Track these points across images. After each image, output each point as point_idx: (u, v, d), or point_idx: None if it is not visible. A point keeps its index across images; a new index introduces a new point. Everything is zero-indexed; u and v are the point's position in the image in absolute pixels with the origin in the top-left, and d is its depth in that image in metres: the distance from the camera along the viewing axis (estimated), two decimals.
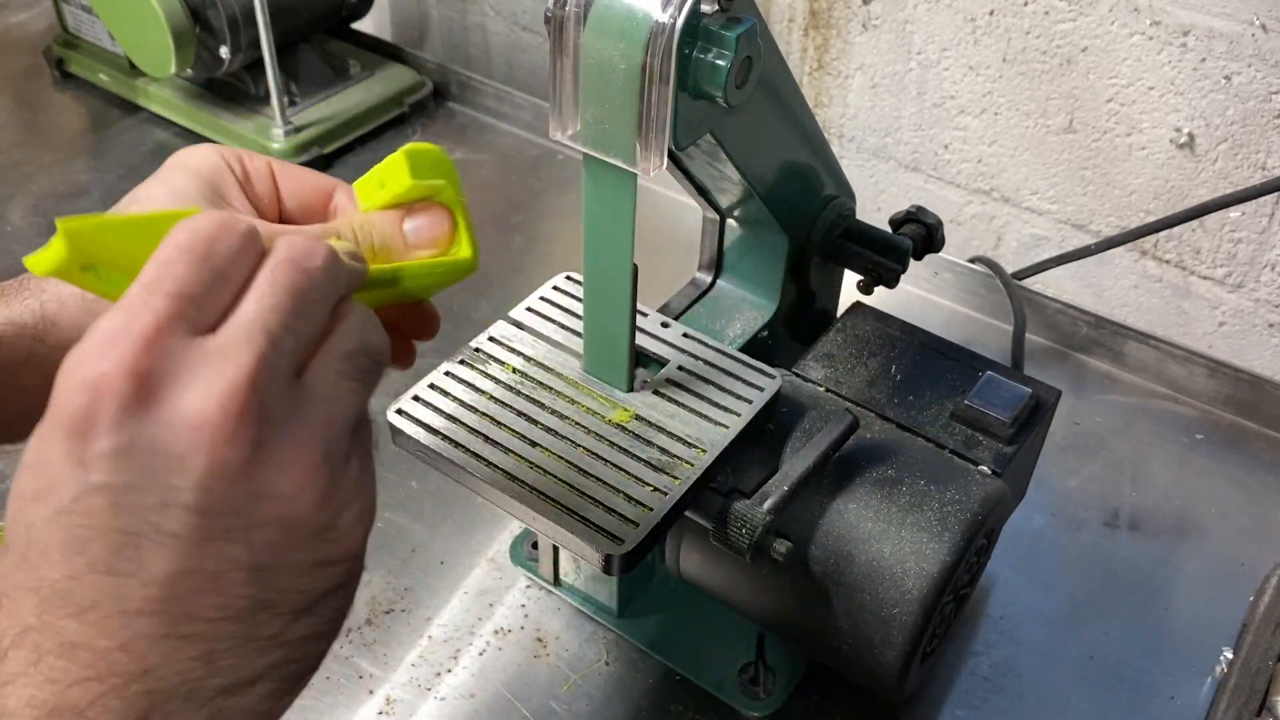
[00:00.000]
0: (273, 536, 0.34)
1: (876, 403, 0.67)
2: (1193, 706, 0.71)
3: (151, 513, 0.32)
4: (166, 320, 0.33)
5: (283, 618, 0.34)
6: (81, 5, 1.24)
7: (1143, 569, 0.80)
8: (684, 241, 0.76)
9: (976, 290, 1.02)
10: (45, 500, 0.32)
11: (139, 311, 0.33)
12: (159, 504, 0.32)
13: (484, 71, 1.37)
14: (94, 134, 1.24)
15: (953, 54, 1.04)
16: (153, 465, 0.32)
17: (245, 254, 0.35)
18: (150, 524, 0.32)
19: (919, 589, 0.58)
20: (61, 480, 0.32)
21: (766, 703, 0.70)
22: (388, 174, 0.47)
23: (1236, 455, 0.89)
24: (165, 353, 0.33)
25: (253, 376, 0.33)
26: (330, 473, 0.35)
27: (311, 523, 0.34)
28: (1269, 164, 0.92)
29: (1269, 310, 0.99)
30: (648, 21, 0.51)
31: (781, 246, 0.70)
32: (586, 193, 0.59)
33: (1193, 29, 0.90)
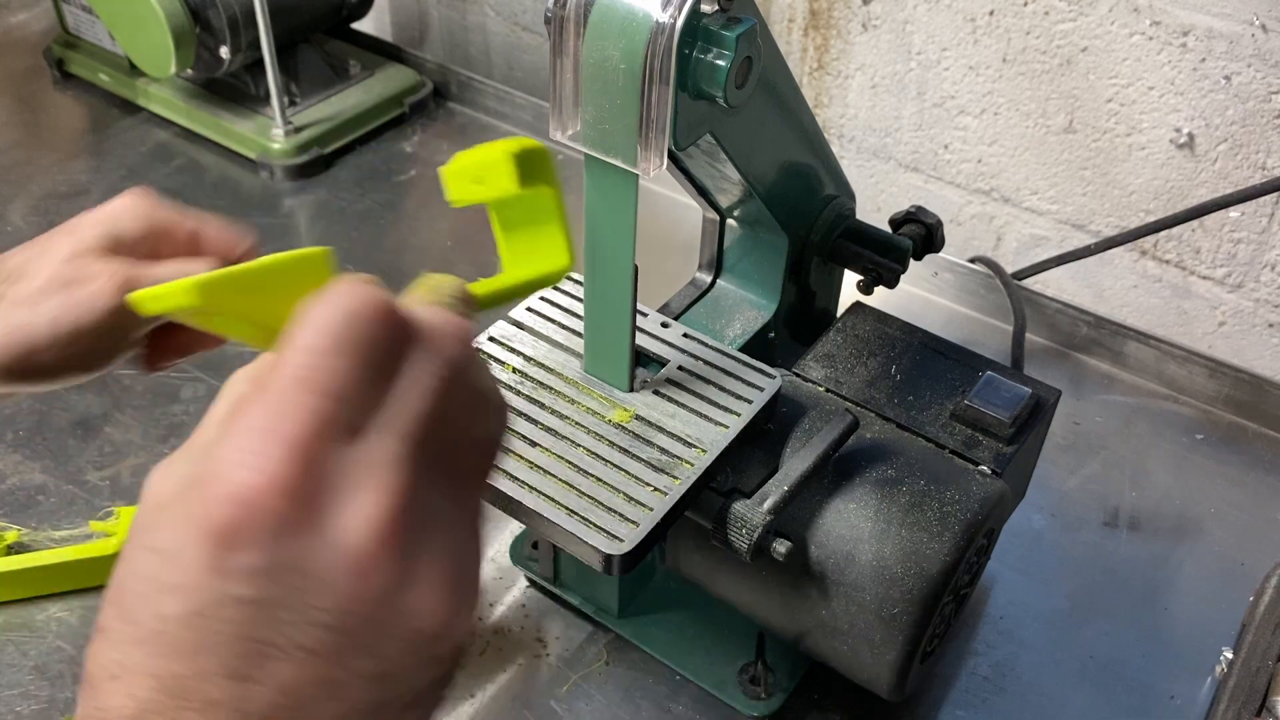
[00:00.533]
0: (401, 648, 0.33)
1: (876, 403, 0.67)
2: (1192, 706, 0.71)
3: (288, 628, 0.31)
4: (321, 426, 0.31)
5: (394, 712, 0.34)
6: (81, 5, 1.24)
7: (1142, 569, 0.80)
8: (684, 241, 0.76)
9: (976, 290, 1.02)
10: (179, 598, 0.31)
11: (292, 414, 0.31)
12: (298, 621, 0.31)
13: (484, 71, 1.37)
14: (94, 134, 1.24)
15: (953, 54, 1.04)
16: (297, 586, 0.31)
17: (399, 342, 0.33)
18: (285, 638, 0.31)
19: (919, 589, 0.58)
20: (199, 584, 0.30)
21: (766, 703, 0.70)
22: (489, 171, 0.45)
23: (1236, 455, 0.89)
24: (319, 466, 0.31)
25: (405, 499, 0.32)
26: (464, 582, 0.35)
27: (439, 632, 0.33)
28: (1269, 164, 0.92)
29: (1269, 310, 0.99)
30: (648, 22, 0.51)
31: (781, 246, 0.70)
32: (587, 193, 0.59)
33: (1193, 29, 0.90)
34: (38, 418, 0.88)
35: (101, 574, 0.76)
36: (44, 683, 0.71)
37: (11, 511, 0.81)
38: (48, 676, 0.71)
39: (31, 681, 0.71)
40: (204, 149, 1.21)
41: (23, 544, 0.78)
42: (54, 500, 0.82)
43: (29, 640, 0.73)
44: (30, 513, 0.81)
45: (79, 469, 0.84)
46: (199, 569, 0.30)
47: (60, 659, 0.72)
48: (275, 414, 0.31)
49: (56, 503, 0.82)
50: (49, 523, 0.80)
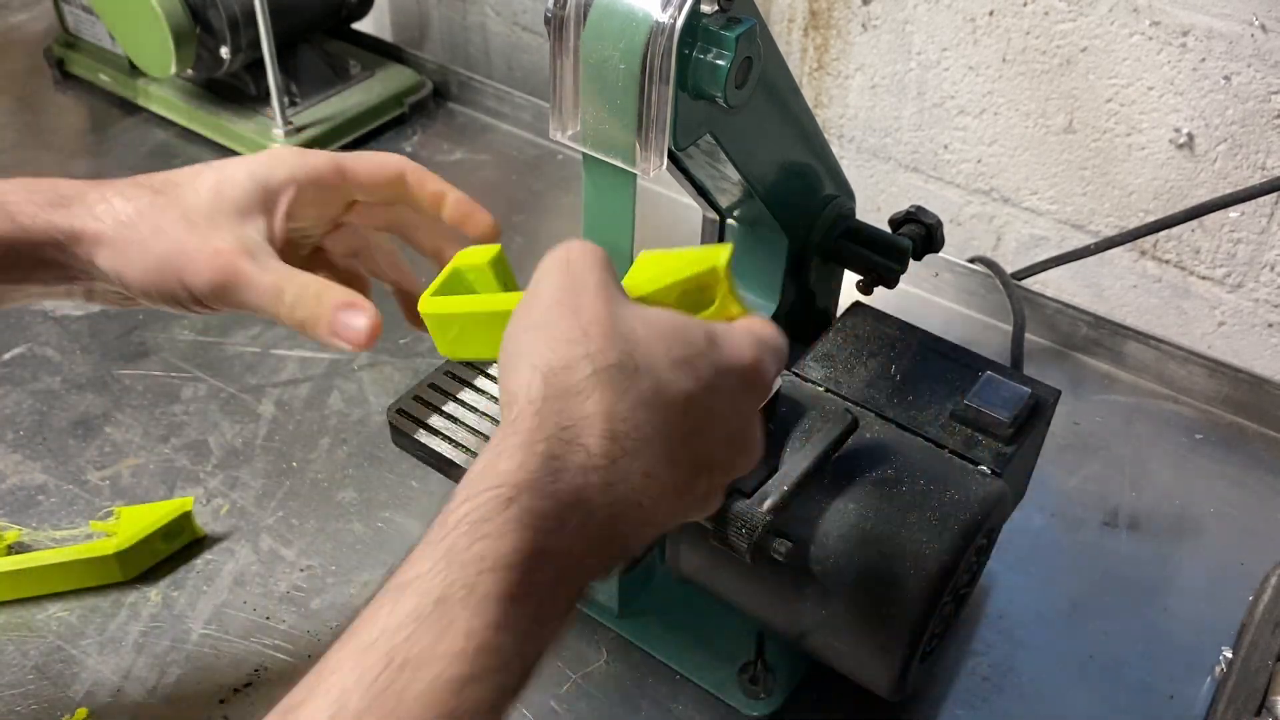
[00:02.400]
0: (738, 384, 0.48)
1: (876, 403, 0.67)
2: (1192, 706, 0.71)
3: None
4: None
5: (740, 439, 0.49)
6: (82, 5, 1.24)
7: (1142, 569, 0.80)
8: (684, 241, 0.76)
9: (976, 290, 1.02)
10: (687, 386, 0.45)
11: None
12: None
13: (484, 71, 1.37)
14: (94, 134, 1.24)
15: (952, 54, 1.04)
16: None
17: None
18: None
19: (919, 589, 0.58)
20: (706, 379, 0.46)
21: (766, 703, 0.70)
22: (700, 280, 0.52)
23: (1236, 455, 0.89)
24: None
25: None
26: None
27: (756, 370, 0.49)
28: (1268, 164, 0.92)
29: (1268, 310, 0.99)
30: (648, 22, 0.51)
31: (781, 246, 0.70)
32: (586, 193, 0.59)
33: (1192, 29, 0.90)
34: (38, 418, 0.89)
35: (101, 574, 0.76)
36: (44, 683, 0.71)
37: (11, 511, 0.81)
38: (48, 676, 0.71)
39: (31, 681, 0.71)
40: (204, 149, 1.21)
41: (23, 544, 0.78)
42: (54, 500, 0.82)
43: (29, 640, 0.73)
44: (30, 513, 0.81)
45: (79, 469, 0.84)
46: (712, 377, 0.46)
47: (60, 659, 0.72)
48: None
49: (56, 503, 0.82)
50: (49, 523, 0.80)
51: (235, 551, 0.79)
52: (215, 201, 0.55)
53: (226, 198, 0.55)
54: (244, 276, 0.54)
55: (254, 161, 0.57)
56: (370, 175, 0.60)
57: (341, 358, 0.95)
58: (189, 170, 0.57)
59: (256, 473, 0.85)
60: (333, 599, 0.76)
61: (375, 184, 0.60)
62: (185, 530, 0.78)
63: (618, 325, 0.43)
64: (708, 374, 0.45)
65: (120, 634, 0.74)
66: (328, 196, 0.59)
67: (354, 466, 0.85)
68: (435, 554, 0.38)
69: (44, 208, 0.55)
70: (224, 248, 0.54)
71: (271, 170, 0.57)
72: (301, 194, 0.58)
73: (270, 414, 0.90)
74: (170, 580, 0.77)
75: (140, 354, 0.95)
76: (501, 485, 0.39)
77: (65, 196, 0.55)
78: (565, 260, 0.46)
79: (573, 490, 0.40)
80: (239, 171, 0.56)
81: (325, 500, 0.83)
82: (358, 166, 0.60)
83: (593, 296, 0.44)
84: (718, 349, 0.46)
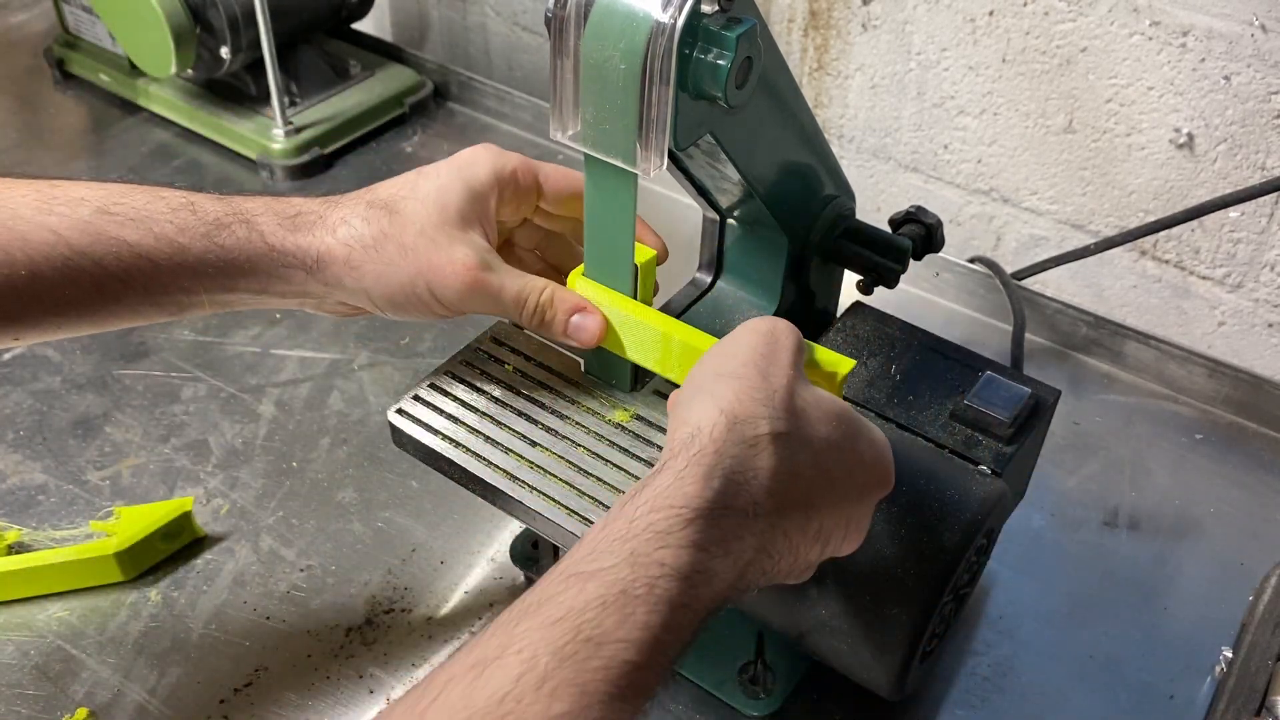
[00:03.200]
0: (864, 480, 0.53)
1: (876, 403, 0.67)
2: (1192, 706, 0.71)
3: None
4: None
5: (856, 526, 0.53)
6: (82, 5, 1.24)
7: (1142, 569, 0.80)
8: (684, 241, 0.76)
9: (976, 290, 1.02)
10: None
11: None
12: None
13: (484, 71, 1.37)
14: (94, 134, 1.24)
15: (952, 54, 1.04)
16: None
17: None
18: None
19: (918, 589, 0.58)
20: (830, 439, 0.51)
21: (766, 702, 0.70)
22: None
23: (1236, 455, 0.89)
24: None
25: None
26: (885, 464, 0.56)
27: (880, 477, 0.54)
28: (1268, 164, 0.92)
29: (1268, 310, 0.99)
30: (648, 22, 0.51)
31: (781, 246, 0.70)
32: (587, 193, 0.59)
33: (1192, 29, 0.90)
34: (38, 418, 0.89)
35: (101, 574, 0.76)
36: (44, 682, 0.71)
37: (11, 511, 0.81)
38: (48, 676, 0.71)
39: (31, 681, 0.71)
40: (204, 149, 1.21)
41: (23, 544, 0.78)
42: (54, 500, 0.82)
43: (29, 640, 0.73)
44: (30, 513, 0.81)
45: (79, 469, 0.84)
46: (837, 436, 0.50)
47: (60, 659, 0.72)
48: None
49: (56, 503, 0.82)
50: (49, 523, 0.80)
51: (235, 551, 0.79)
52: (442, 213, 0.60)
53: (451, 209, 0.60)
54: (489, 286, 0.60)
55: (461, 166, 0.62)
56: (558, 186, 0.65)
57: (342, 357, 0.95)
58: (405, 183, 0.62)
59: (256, 473, 0.85)
60: (333, 599, 0.76)
61: (560, 195, 0.65)
62: (185, 530, 0.79)
63: (795, 400, 0.49)
64: (851, 462, 0.51)
65: (120, 634, 0.74)
66: (522, 197, 0.64)
67: (354, 466, 0.85)
68: (620, 553, 0.43)
69: (290, 230, 0.59)
70: (467, 261, 0.59)
71: (475, 173, 0.62)
72: (502, 193, 0.63)
73: (270, 414, 0.90)
74: (170, 580, 0.77)
75: (140, 354, 0.95)
76: (684, 506, 0.44)
77: (307, 219, 0.60)
78: (770, 330, 0.52)
79: (734, 528, 0.45)
80: (454, 180, 0.61)
81: (325, 500, 0.83)
82: (550, 174, 0.65)
83: (783, 369, 0.50)
84: (862, 441, 0.52)
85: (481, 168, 0.62)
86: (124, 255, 0.57)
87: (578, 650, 0.40)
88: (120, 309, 0.59)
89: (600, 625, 0.41)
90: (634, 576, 0.42)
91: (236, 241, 0.59)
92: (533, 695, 0.39)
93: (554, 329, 0.62)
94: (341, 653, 0.73)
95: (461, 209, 0.60)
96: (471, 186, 0.61)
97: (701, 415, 0.48)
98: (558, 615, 0.41)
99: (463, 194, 0.61)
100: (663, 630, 0.42)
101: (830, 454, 0.49)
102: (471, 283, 0.59)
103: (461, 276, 0.59)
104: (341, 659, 0.72)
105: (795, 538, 0.49)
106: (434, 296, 0.60)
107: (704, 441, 0.47)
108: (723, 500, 0.45)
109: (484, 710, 0.38)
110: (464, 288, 0.59)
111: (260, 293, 0.61)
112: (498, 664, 0.40)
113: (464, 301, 0.60)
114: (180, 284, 0.59)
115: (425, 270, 0.59)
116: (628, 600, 0.41)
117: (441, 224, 0.60)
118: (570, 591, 0.42)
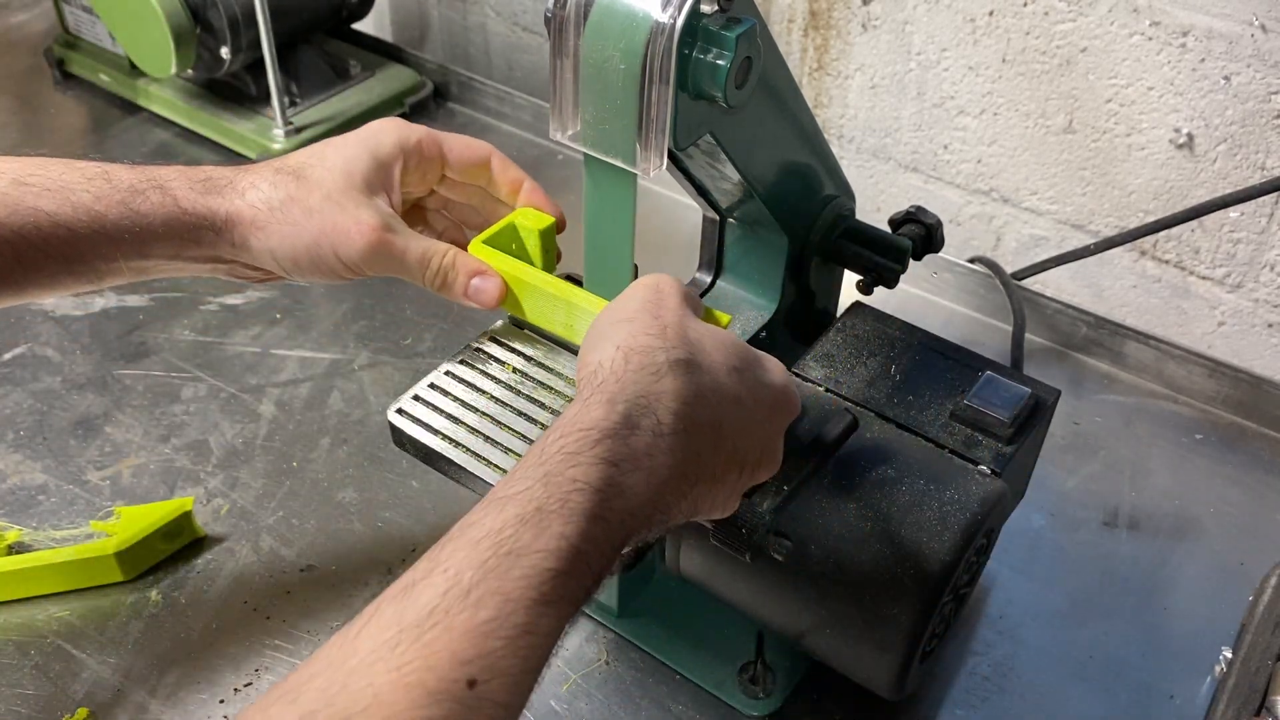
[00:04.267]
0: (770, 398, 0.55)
1: (876, 403, 0.67)
2: (1192, 706, 0.71)
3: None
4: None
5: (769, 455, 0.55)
6: (82, 5, 1.24)
7: (1142, 569, 0.80)
8: (684, 241, 0.76)
9: (976, 290, 1.02)
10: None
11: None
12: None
13: (484, 71, 1.37)
14: (95, 134, 1.24)
15: (952, 54, 1.04)
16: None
17: None
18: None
19: (918, 589, 0.58)
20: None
21: (766, 702, 0.70)
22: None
23: (1235, 455, 0.89)
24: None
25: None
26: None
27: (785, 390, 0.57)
28: (1268, 164, 0.92)
29: (1268, 310, 0.99)
30: (648, 22, 0.51)
31: (781, 246, 0.70)
32: (586, 193, 0.59)
33: (1192, 29, 0.90)
34: (38, 418, 0.89)
35: (102, 574, 0.76)
36: (44, 682, 0.71)
37: (11, 511, 0.81)
38: (48, 676, 0.71)
39: (31, 681, 0.71)
40: (204, 149, 1.21)
41: (23, 544, 0.78)
42: (54, 500, 0.82)
43: (29, 640, 0.73)
44: (30, 513, 0.81)
45: (79, 469, 0.84)
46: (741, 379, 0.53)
47: (60, 659, 0.72)
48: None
49: (56, 503, 0.82)
50: (49, 523, 0.80)
51: (235, 551, 0.79)
52: (348, 179, 0.62)
53: (357, 175, 0.62)
54: (392, 247, 0.62)
55: (367, 137, 0.64)
56: (462, 155, 0.67)
57: (342, 357, 0.95)
58: (313, 153, 0.64)
59: (256, 473, 0.85)
60: (333, 599, 0.76)
61: (465, 163, 0.67)
62: (185, 530, 0.78)
63: (688, 332, 0.52)
64: (753, 385, 0.53)
65: (120, 634, 0.74)
66: (426, 167, 0.66)
67: (354, 466, 0.85)
68: (534, 475, 0.46)
69: (201, 193, 0.62)
70: (371, 222, 0.61)
71: (380, 142, 0.64)
72: (407, 163, 0.65)
73: (270, 414, 0.90)
74: (170, 580, 0.77)
75: (140, 354, 0.95)
76: (591, 428, 0.47)
77: (218, 183, 0.62)
78: (655, 283, 0.55)
79: (643, 446, 0.48)
80: (360, 150, 0.63)
81: (325, 500, 0.83)
82: (453, 145, 0.67)
83: (672, 309, 0.53)
84: (762, 368, 0.55)
85: (387, 137, 0.64)
86: (43, 225, 0.59)
87: (500, 563, 0.42)
88: (40, 278, 0.60)
89: (519, 539, 0.43)
90: (548, 494, 0.45)
91: (151, 206, 0.61)
92: (459, 605, 0.41)
93: (455, 291, 0.64)
94: None
95: (367, 176, 0.63)
96: (377, 155, 0.63)
97: (602, 354, 0.51)
98: (479, 535, 0.43)
99: (368, 162, 0.63)
100: (580, 540, 0.44)
101: (731, 376, 0.52)
102: (375, 243, 0.61)
103: (366, 237, 0.61)
104: None
105: (709, 458, 0.51)
106: (338, 258, 0.62)
107: (605, 374, 0.50)
108: (628, 422, 0.48)
109: (414, 623, 0.40)
110: (367, 248, 0.61)
111: (174, 258, 0.62)
112: (425, 583, 0.42)
113: (368, 262, 0.62)
114: (99, 251, 0.60)
115: (330, 231, 0.61)
116: (543, 515, 0.44)
117: (347, 189, 0.62)
118: (491, 514, 0.44)
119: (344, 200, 0.62)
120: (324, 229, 0.61)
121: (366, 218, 0.62)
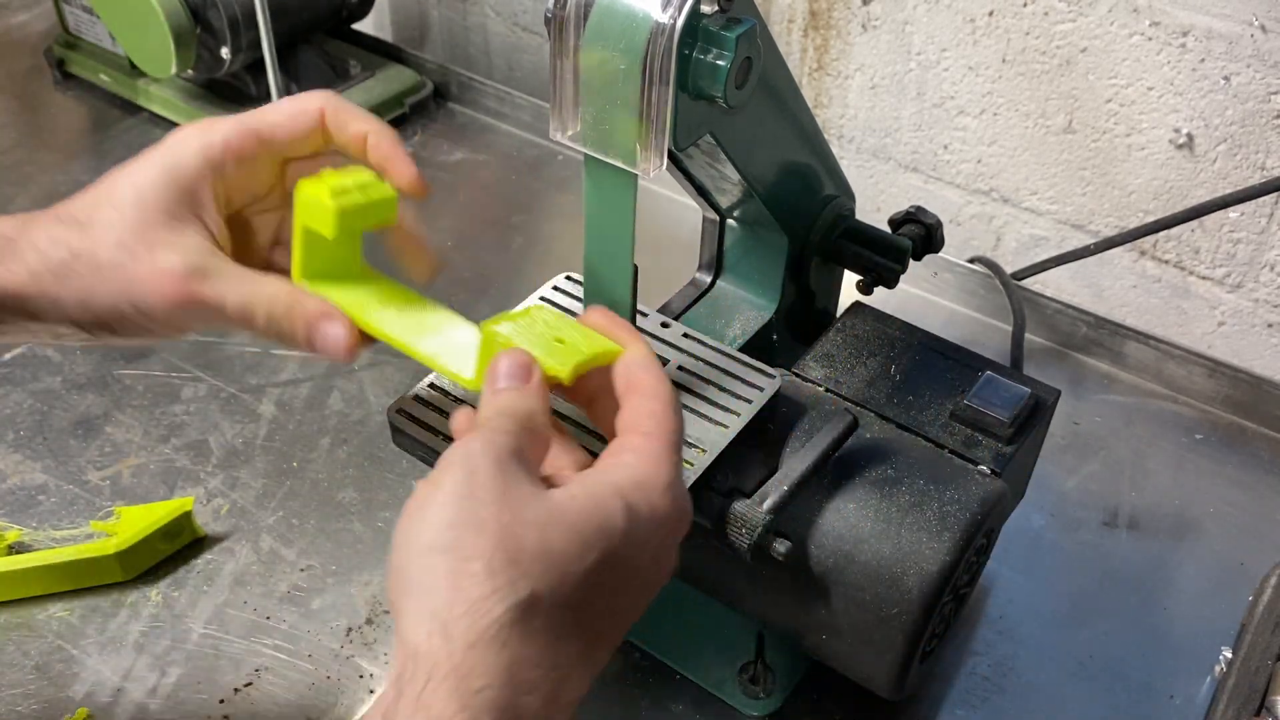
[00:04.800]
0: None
1: (876, 403, 0.67)
2: (1192, 706, 0.71)
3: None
4: None
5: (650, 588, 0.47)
6: (82, 6, 1.24)
7: (1142, 569, 0.80)
8: (684, 241, 0.76)
9: (976, 290, 1.02)
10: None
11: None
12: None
13: (484, 72, 1.37)
14: (95, 134, 1.24)
15: (952, 54, 1.04)
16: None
17: None
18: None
19: (919, 589, 0.58)
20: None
21: (766, 702, 0.70)
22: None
23: (1235, 455, 0.89)
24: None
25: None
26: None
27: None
28: (1268, 164, 0.92)
29: (1268, 310, 0.99)
30: (648, 22, 0.51)
31: (781, 246, 0.70)
32: (586, 193, 0.59)
33: (1192, 29, 0.90)
34: (38, 418, 0.89)
35: (101, 574, 0.76)
36: (44, 683, 0.71)
37: (11, 511, 0.81)
38: (48, 676, 0.71)
39: (31, 681, 0.71)
40: None
41: (23, 544, 0.78)
42: (54, 500, 0.82)
43: (29, 640, 0.73)
44: (30, 513, 0.81)
45: (79, 469, 0.84)
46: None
47: (60, 659, 0.72)
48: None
49: (56, 503, 0.82)
50: (49, 523, 0.80)
51: (235, 551, 0.79)
52: (141, 216, 0.50)
53: (151, 206, 0.50)
54: (204, 299, 0.50)
55: (163, 155, 0.52)
56: (288, 130, 0.54)
57: None
58: (102, 190, 0.52)
59: (256, 473, 0.85)
60: (333, 599, 0.76)
61: (295, 139, 0.54)
62: (185, 530, 0.79)
63: (525, 543, 0.40)
64: (628, 555, 0.43)
65: (120, 634, 0.74)
66: (249, 168, 0.54)
67: (354, 466, 0.85)
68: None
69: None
70: (169, 268, 0.50)
71: (179, 160, 0.52)
72: (221, 175, 0.52)
73: (270, 414, 0.90)
74: (170, 580, 0.77)
75: (140, 354, 0.95)
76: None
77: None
78: (464, 458, 0.42)
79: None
80: (153, 173, 0.51)
81: (325, 500, 0.83)
82: (273, 123, 0.54)
83: (495, 509, 0.40)
84: (636, 520, 0.43)
85: (186, 153, 0.52)
86: None
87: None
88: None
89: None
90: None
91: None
92: None
93: (297, 344, 0.52)
94: (341, 653, 0.73)
95: (167, 207, 0.51)
96: (176, 177, 0.51)
97: (416, 630, 0.39)
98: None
99: (166, 189, 0.51)
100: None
101: (598, 567, 0.41)
102: (180, 297, 0.50)
103: (166, 291, 0.50)
104: (341, 659, 0.72)
105: (583, 671, 0.42)
106: (146, 317, 0.50)
107: (430, 664, 0.38)
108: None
109: None
110: (171, 305, 0.50)
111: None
112: None
113: (179, 319, 0.51)
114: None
115: (127, 289, 0.50)
116: None
117: (141, 230, 0.50)
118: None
119: (138, 247, 0.50)
120: (121, 287, 0.50)
121: (166, 264, 0.49)
